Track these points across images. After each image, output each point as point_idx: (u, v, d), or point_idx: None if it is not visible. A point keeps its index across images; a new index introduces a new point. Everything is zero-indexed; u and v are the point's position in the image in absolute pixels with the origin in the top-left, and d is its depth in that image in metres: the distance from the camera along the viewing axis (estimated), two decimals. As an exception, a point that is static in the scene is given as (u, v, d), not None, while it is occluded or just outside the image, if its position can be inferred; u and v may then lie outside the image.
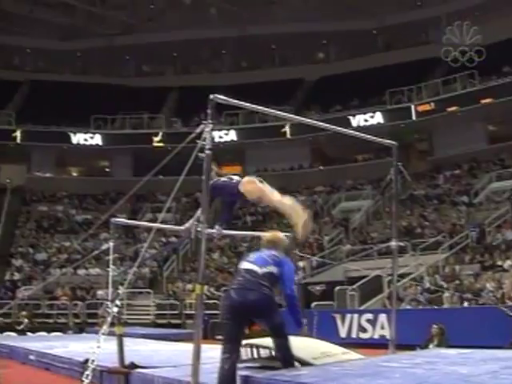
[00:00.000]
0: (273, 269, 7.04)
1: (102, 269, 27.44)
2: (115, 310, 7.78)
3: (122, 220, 11.88)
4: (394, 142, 9.83)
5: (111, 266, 9.16)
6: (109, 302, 8.34)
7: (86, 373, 5.81)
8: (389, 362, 7.72)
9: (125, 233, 30.56)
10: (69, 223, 33.04)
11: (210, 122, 7.70)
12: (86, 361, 8.65)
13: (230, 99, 8.17)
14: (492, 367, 6.76)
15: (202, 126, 7.75)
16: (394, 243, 9.92)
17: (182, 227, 8.59)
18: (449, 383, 5.81)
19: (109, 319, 7.23)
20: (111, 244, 9.72)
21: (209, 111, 7.83)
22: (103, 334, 5.96)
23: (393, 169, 9.94)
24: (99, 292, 26.54)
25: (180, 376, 7.92)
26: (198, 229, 7.84)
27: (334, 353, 8.46)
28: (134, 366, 9.23)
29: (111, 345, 8.97)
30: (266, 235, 7.70)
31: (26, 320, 23.59)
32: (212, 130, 7.70)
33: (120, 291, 8.16)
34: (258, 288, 6.88)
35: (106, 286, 24.31)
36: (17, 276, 27.93)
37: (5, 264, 29.12)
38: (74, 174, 39.44)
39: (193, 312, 23.17)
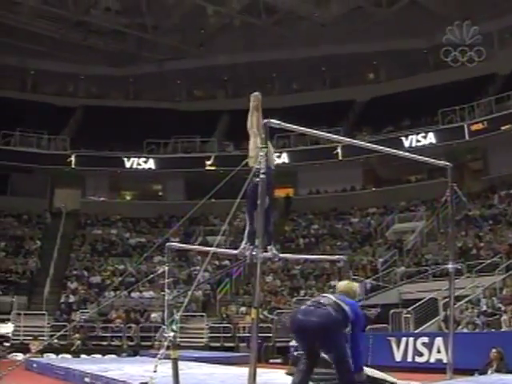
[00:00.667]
0: (345, 307, 6.76)
1: (156, 292, 27.68)
2: (171, 334, 7.81)
3: (177, 244, 11.91)
4: (448, 163, 9.74)
5: (166, 289, 9.20)
6: (165, 326, 8.36)
7: (144, 398, 5.83)
8: (448, 387, 7.58)
9: (178, 256, 30.72)
10: (123, 246, 33.39)
11: (265, 146, 7.73)
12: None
13: (284, 123, 8.21)
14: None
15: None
16: (451, 265, 9.79)
17: (236, 251, 8.58)
18: (512, 411, 5.67)
19: (165, 343, 7.25)
20: (166, 268, 9.76)
21: (263, 136, 7.86)
22: (159, 357, 5.98)
23: (448, 190, 9.84)
24: (153, 315, 26.71)
25: (235, 400, 7.90)
26: (253, 252, 7.85)
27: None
28: (189, 390, 9.23)
29: (166, 368, 9.00)
30: (341, 284, 7.56)
31: (79, 342, 23.86)
32: (266, 154, 7.72)
33: (176, 316, 8.19)
34: (323, 311, 6.65)
35: (159, 309, 24.64)
36: (72, 299, 28.28)
37: (60, 287, 29.55)
38: (128, 198, 39.90)
39: (246, 335, 23.42)
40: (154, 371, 5.83)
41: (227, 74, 40.56)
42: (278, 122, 7.99)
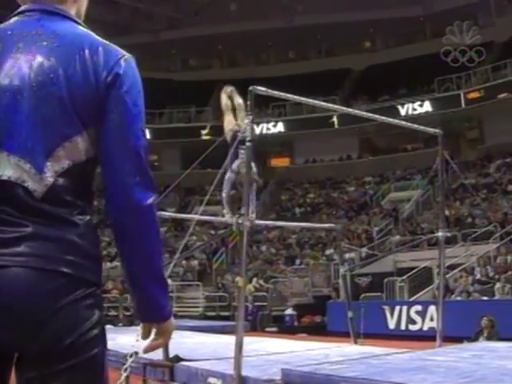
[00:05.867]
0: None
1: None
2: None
3: (166, 213, 11.90)
4: (438, 131, 9.68)
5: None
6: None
7: (125, 366, 5.77)
8: (434, 355, 7.58)
9: (174, 226, 30.73)
10: (119, 217, 33.37)
11: (250, 113, 7.65)
12: (135, 353, 8.68)
13: (270, 90, 8.12)
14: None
15: (241, 118, 7.71)
16: (441, 234, 9.76)
17: (223, 218, 8.59)
18: (494, 378, 5.65)
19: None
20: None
21: (248, 103, 7.79)
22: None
23: (439, 158, 9.80)
24: (149, 285, 26.71)
25: (224, 369, 7.91)
26: (240, 221, 7.81)
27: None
28: (178, 358, 9.24)
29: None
30: None
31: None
32: (252, 121, 7.65)
33: (170, 282, 8.22)
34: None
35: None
36: (68, 270, 28.29)
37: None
38: (124, 169, 39.82)
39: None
40: (137, 340, 5.78)
41: (222, 44, 40.21)
42: (264, 89, 7.90)
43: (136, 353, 6.94)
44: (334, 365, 7.03)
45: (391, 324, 17.80)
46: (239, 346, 7.35)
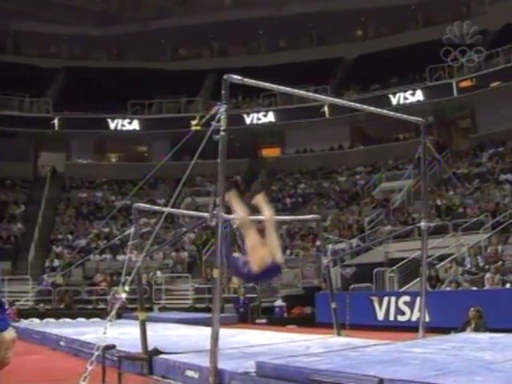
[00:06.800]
0: None
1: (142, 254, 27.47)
2: (123, 295, 7.67)
3: (143, 205, 11.95)
4: (420, 119, 9.50)
5: (130, 251, 9.04)
6: (116, 288, 8.28)
7: (91, 359, 5.66)
8: (413, 347, 7.44)
9: (164, 218, 30.48)
10: (108, 209, 33.10)
11: (225, 102, 7.55)
12: (113, 346, 8.53)
13: (247, 79, 7.97)
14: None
15: (216, 108, 7.60)
16: (423, 223, 9.60)
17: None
18: (468, 370, 5.49)
19: (117, 305, 7.11)
20: (132, 229, 9.60)
21: (223, 92, 7.67)
22: (110, 319, 5.82)
23: (421, 147, 9.67)
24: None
25: (201, 362, 7.83)
26: (214, 212, 7.67)
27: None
28: (156, 351, 9.11)
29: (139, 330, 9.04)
30: None
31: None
32: (226, 110, 7.55)
33: (159, 274, 8.08)
34: None
35: (144, 271, 24.52)
36: (56, 263, 28.03)
37: (45, 251, 29.29)
38: (113, 160, 39.53)
39: (232, 295, 23.37)
40: (104, 333, 5.65)
41: (213, 33, 39.83)
42: (239, 77, 7.75)
43: (108, 347, 6.74)
44: (310, 357, 6.88)
45: (380, 315, 17.66)
46: (215, 339, 7.23)
